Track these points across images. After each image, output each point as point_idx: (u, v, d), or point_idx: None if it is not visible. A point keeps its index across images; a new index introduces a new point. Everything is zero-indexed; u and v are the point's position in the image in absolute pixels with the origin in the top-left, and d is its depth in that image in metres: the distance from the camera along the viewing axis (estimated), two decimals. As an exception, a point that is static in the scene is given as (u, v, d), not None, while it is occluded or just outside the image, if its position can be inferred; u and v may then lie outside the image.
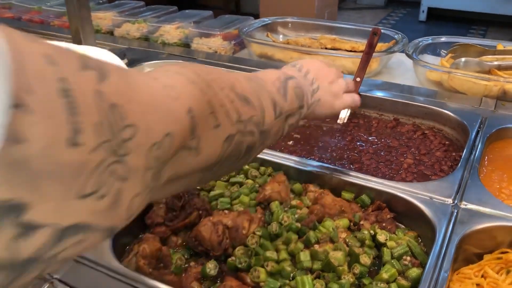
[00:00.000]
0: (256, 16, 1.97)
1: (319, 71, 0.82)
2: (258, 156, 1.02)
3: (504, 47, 1.47)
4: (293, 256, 0.78)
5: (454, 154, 1.12)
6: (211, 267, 0.77)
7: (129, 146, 0.34)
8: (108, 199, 0.33)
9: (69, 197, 0.30)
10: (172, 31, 1.77)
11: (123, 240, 0.84)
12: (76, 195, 0.30)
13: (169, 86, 0.44)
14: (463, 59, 1.36)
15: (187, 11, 1.97)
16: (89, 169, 0.31)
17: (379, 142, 1.18)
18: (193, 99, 0.46)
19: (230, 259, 0.78)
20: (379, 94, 1.31)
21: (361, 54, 1.50)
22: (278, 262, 0.77)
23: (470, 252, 0.82)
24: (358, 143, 1.17)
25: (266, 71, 0.71)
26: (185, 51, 1.67)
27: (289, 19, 1.82)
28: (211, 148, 0.49)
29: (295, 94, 0.70)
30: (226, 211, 0.87)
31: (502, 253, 0.79)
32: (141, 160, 0.36)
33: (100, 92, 0.32)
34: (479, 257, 0.81)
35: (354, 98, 0.91)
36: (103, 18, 1.90)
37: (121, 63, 0.96)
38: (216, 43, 1.69)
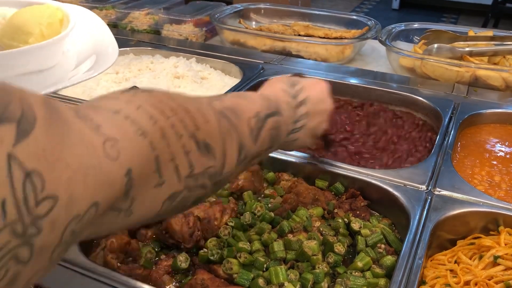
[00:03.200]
0: (229, 3, 1.93)
1: (318, 104, 0.74)
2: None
3: (475, 33, 1.47)
4: (266, 247, 0.76)
5: (429, 133, 1.12)
6: (182, 259, 0.74)
7: (42, 223, 0.29)
8: (2, 283, 0.29)
9: None
10: (141, 17, 1.72)
11: (90, 234, 0.81)
12: None
13: (111, 140, 0.37)
14: (435, 45, 1.36)
15: (156, -4, 1.92)
16: None
17: (353, 129, 1.16)
18: (136, 157, 0.39)
19: (202, 251, 0.76)
20: (352, 81, 1.30)
21: (334, 40, 1.49)
22: (251, 253, 0.75)
23: (443, 238, 0.82)
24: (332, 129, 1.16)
25: (251, 98, 0.63)
26: (155, 38, 1.63)
27: (261, 6, 1.79)
28: (147, 208, 0.44)
29: (269, 136, 0.62)
30: (198, 202, 0.84)
31: (475, 238, 0.79)
32: (54, 237, 0.31)
33: (13, 157, 0.28)
34: (453, 243, 0.81)
35: None
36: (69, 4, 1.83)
37: (105, 28, 0.88)
38: (187, 29, 1.65)
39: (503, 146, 1.06)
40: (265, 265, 0.73)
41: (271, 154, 0.96)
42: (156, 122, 0.42)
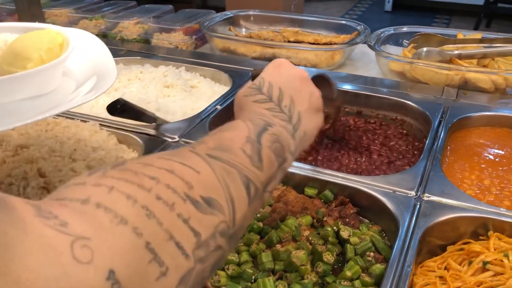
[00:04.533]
0: (223, 9, 1.94)
1: (292, 86, 0.65)
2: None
3: (464, 36, 1.48)
4: (254, 258, 0.76)
5: (417, 143, 1.13)
6: (170, 272, 0.74)
7: None
8: None
9: None
10: (131, 27, 1.71)
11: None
12: None
13: (81, 238, 0.31)
14: (424, 49, 1.36)
15: (146, 5, 1.92)
16: None
17: (343, 135, 1.16)
18: (118, 253, 0.32)
19: (189, 263, 0.75)
20: (343, 86, 1.30)
21: (324, 46, 1.49)
22: (239, 264, 0.74)
23: (433, 244, 0.81)
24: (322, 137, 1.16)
25: (232, 127, 0.55)
26: (144, 47, 1.62)
27: (251, 12, 1.79)
28: None
29: (273, 153, 0.54)
30: (186, 213, 0.84)
31: (465, 243, 0.79)
32: None
33: None
34: (443, 248, 0.81)
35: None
36: (59, 15, 1.83)
37: (105, 50, 0.89)
38: (177, 38, 1.65)
39: (493, 149, 1.05)
40: (253, 277, 0.72)
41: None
42: (136, 201, 0.36)
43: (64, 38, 0.83)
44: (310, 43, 1.51)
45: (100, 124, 1.08)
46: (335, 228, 0.82)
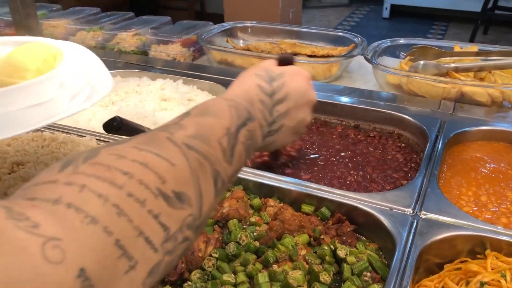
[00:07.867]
0: (221, 16, 1.94)
1: (298, 100, 0.69)
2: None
3: (461, 48, 1.48)
4: (251, 278, 0.75)
5: (415, 156, 1.13)
6: (166, 293, 0.74)
7: None
8: None
9: None
10: (128, 38, 1.72)
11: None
12: None
13: (52, 239, 0.31)
14: (421, 62, 1.36)
15: (144, 17, 1.92)
16: None
17: (341, 151, 1.16)
18: (88, 252, 0.33)
19: (186, 284, 0.75)
20: (340, 100, 1.30)
21: (321, 58, 1.49)
22: (235, 285, 0.74)
23: (430, 262, 0.81)
24: (319, 152, 1.15)
25: (216, 112, 0.54)
26: (142, 59, 1.62)
27: (248, 24, 1.79)
28: None
29: (245, 149, 0.55)
30: (182, 232, 0.84)
31: (462, 262, 0.79)
32: None
33: None
34: (440, 267, 0.81)
35: None
36: (56, 26, 1.83)
37: (98, 61, 0.91)
38: (174, 50, 1.65)
39: (490, 164, 1.05)
40: (249, 298, 0.72)
41: (256, 179, 0.96)
42: (107, 200, 0.36)
43: (58, 49, 0.86)
44: (308, 56, 1.51)
45: (96, 139, 1.08)
46: (332, 246, 0.82)
